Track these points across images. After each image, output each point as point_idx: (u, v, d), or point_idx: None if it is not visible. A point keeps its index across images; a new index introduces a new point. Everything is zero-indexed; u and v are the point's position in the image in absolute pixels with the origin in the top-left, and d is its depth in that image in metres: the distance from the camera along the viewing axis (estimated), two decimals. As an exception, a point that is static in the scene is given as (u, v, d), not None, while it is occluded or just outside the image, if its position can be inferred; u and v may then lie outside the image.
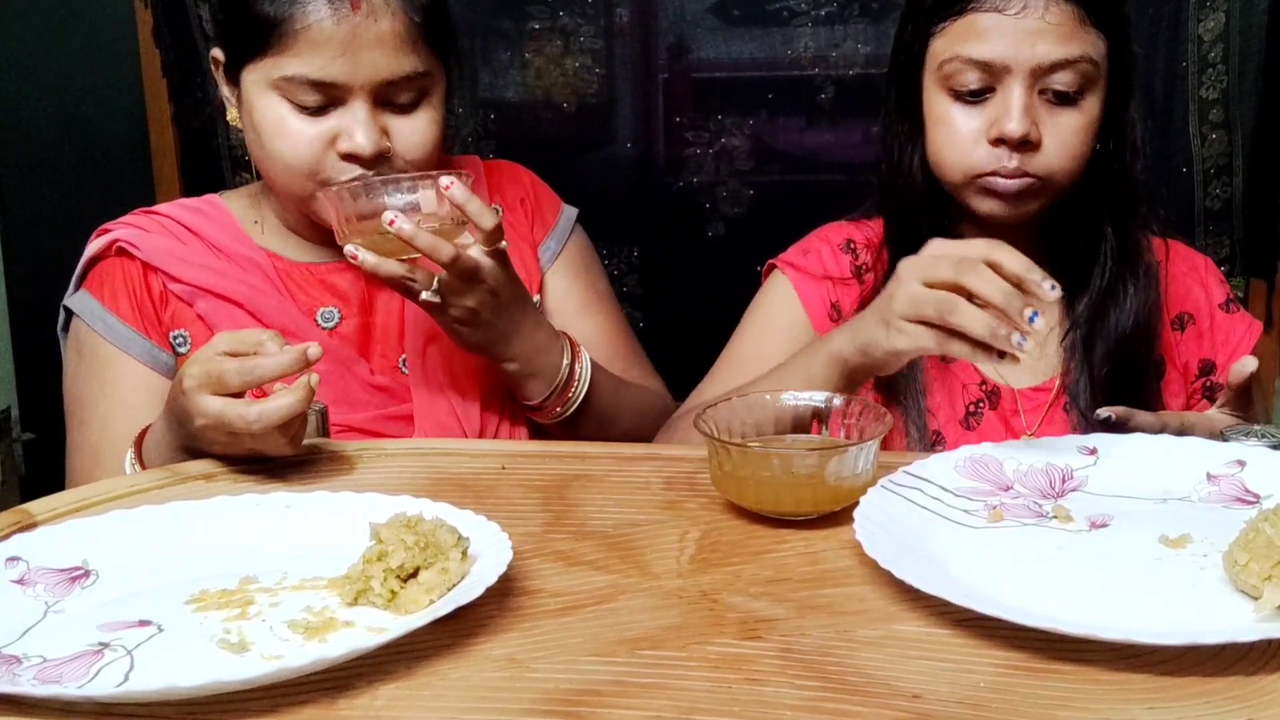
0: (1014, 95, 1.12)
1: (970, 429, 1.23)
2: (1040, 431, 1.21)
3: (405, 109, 1.18)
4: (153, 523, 0.88)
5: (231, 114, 1.24)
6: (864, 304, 1.25)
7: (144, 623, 0.76)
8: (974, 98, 1.15)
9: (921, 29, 1.19)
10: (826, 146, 1.98)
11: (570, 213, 1.40)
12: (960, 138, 1.16)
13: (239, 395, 0.99)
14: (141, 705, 0.67)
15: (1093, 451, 0.96)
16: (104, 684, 0.69)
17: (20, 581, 0.81)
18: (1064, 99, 1.14)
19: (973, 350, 0.95)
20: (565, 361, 1.22)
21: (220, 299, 1.22)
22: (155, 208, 1.29)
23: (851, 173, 1.95)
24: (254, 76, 1.16)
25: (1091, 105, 1.15)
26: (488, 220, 1.11)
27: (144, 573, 0.83)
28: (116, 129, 2.17)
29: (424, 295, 1.12)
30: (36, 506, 0.96)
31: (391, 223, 1.07)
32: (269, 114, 1.16)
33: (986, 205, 1.18)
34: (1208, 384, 1.26)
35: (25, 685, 0.68)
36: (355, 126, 1.14)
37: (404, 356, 1.27)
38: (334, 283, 1.27)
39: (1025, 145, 1.13)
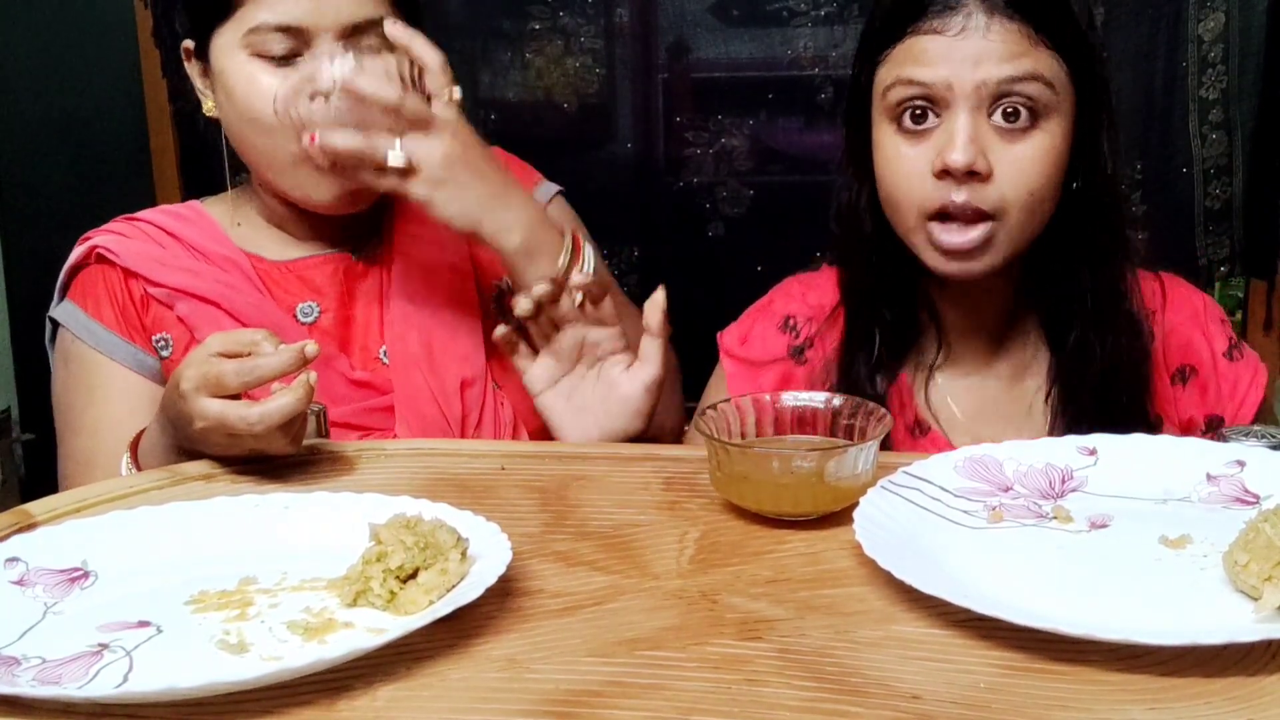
0: (958, 122, 1.03)
1: None
2: None
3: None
4: (152, 523, 0.88)
5: (207, 105, 1.24)
6: (811, 384, 1.18)
7: (143, 624, 0.76)
8: (917, 124, 1.06)
9: (868, 61, 1.12)
10: (826, 146, 1.97)
11: (549, 187, 1.38)
12: (906, 173, 1.07)
13: (237, 396, 0.99)
14: (141, 706, 0.67)
15: (1092, 452, 0.96)
16: (103, 685, 0.69)
17: (19, 582, 0.81)
18: (1017, 125, 1.04)
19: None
20: (566, 236, 1.16)
21: (198, 300, 1.22)
22: (136, 214, 1.29)
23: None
24: (222, 41, 1.17)
25: (1051, 133, 1.05)
26: (432, 56, 1.10)
27: (143, 574, 0.83)
28: (116, 129, 2.17)
29: (390, 156, 1.09)
30: (36, 507, 0.96)
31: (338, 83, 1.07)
32: (240, 74, 1.16)
33: (936, 262, 1.09)
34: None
35: (24, 686, 0.68)
36: None
37: (384, 347, 1.26)
38: (312, 278, 1.27)
39: (973, 177, 1.04)
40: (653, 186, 2.02)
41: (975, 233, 1.06)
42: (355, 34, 1.15)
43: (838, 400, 1.01)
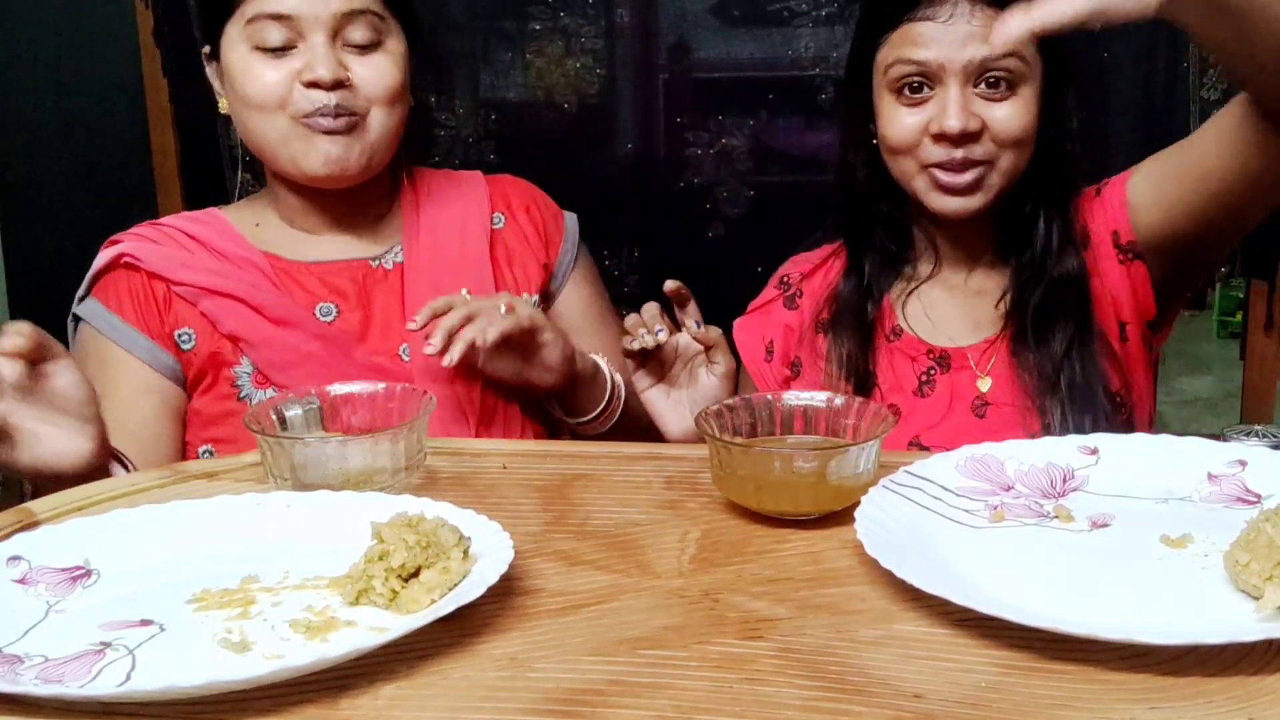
0: (950, 94, 1.23)
1: (924, 396, 1.29)
2: (993, 377, 1.29)
3: (363, 50, 1.26)
4: (154, 522, 0.88)
5: (222, 104, 1.32)
6: (800, 326, 1.37)
7: (145, 622, 0.76)
8: (915, 93, 1.24)
9: (868, 42, 1.30)
10: (826, 147, 1.97)
11: (573, 221, 1.46)
12: (907, 132, 1.25)
13: None
14: (143, 705, 0.67)
15: (1094, 451, 0.96)
16: (106, 684, 0.69)
17: (22, 581, 0.81)
18: (998, 92, 1.23)
19: None
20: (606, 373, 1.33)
21: (222, 296, 1.27)
22: (160, 220, 1.36)
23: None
24: (229, 36, 1.26)
25: (1025, 95, 1.24)
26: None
27: (145, 572, 0.83)
28: (116, 129, 2.17)
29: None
30: (38, 505, 0.96)
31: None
32: (240, 64, 1.25)
33: (938, 202, 1.26)
34: (1120, 246, 1.30)
35: (27, 685, 0.68)
36: (315, 57, 1.23)
37: (404, 345, 1.31)
38: (332, 281, 1.32)
39: (967, 138, 1.23)
40: (653, 186, 2.02)
41: (970, 174, 1.25)
42: (345, 22, 1.24)
43: (839, 400, 1.01)
